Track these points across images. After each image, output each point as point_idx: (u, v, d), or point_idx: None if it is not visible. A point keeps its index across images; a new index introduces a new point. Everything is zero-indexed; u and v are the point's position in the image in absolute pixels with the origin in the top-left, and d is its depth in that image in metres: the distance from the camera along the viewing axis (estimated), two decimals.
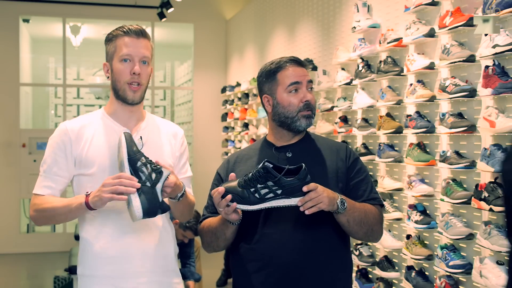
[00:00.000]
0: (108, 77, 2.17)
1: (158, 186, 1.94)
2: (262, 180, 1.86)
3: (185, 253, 4.69)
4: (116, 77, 2.13)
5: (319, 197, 1.88)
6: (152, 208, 1.92)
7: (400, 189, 3.76)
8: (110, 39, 2.16)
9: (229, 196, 1.88)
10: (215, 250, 2.19)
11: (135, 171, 1.94)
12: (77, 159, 2.11)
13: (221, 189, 1.90)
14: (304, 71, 2.16)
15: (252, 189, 1.87)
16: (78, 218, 2.14)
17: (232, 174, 2.01)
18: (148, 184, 1.93)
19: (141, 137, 2.11)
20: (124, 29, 2.14)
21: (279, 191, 1.85)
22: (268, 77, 2.18)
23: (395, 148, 3.90)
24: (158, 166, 1.97)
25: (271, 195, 1.86)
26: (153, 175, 1.94)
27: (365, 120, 4.22)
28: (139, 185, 1.90)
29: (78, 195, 2.09)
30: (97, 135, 2.13)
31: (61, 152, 2.11)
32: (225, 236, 2.10)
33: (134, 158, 1.95)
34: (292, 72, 2.14)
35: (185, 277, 4.63)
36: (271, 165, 1.86)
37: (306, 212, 1.89)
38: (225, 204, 1.90)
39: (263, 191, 1.86)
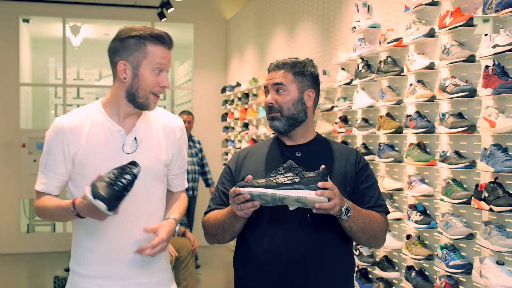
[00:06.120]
0: (125, 78, 2.04)
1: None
2: (283, 172, 1.93)
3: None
4: (141, 85, 2.03)
5: (335, 191, 1.89)
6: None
7: (400, 189, 3.76)
8: (136, 40, 2.01)
9: (257, 202, 1.90)
10: (219, 242, 2.19)
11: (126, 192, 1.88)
12: (74, 158, 2.07)
13: (246, 196, 1.89)
14: (275, 74, 2.19)
15: (271, 178, 1.92)
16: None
17: (249, 177, 1.97)
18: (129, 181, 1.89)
19: (135, 137, 2.09)
20: (160, 37, 2.03)
21: (297, 179, 1.90)
22: None
23: (395, 148, 3.90)
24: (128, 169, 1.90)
25: (288, 182, 1.90)
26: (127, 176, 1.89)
27: (365, 120, 4.22)
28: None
29: (72, 192, 2.10)
30: (92, 135, 2.07)
31: (58, 150, 2.06)
32: (233, 229, 2.10)
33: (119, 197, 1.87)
34: (267, 76, 2.23)
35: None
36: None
37: (315, 209, 1.88)
38: (251, 207, 1.91)
39: (281, 179, 1.91)
